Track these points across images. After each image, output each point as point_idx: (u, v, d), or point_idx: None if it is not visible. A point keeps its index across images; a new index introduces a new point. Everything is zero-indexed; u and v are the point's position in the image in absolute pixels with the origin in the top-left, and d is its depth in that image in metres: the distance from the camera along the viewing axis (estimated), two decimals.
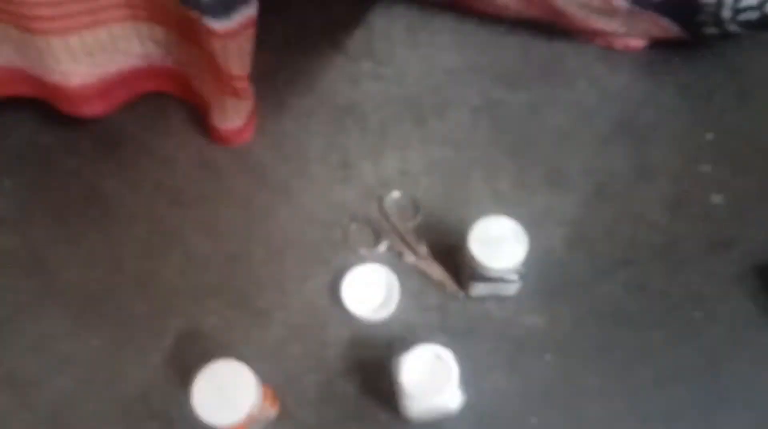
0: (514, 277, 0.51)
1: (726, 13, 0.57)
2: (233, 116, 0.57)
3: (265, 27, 0.51)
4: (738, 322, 0.54)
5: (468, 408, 0.49)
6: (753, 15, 0.56)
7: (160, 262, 0.58)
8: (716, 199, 0.59)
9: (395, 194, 0.60)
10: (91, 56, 0.54)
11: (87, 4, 0.50)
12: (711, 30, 0.60)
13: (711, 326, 0.54)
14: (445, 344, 0.48)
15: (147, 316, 0.56)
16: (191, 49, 0.55)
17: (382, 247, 0.58)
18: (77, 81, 0.55)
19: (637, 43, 0.65)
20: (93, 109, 0.60)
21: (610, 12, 0.60)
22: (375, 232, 0.59)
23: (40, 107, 0.61)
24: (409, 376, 0.46)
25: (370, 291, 0.55)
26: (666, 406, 0.51)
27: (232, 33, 0.47)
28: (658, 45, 0.65)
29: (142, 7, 0.52)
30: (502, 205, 0.59)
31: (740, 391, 0.52)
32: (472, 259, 0.49)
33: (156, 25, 0.54)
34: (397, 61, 0.67)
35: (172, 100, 0.64)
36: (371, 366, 0.53)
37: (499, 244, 0.49)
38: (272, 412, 0.50)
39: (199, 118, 0.62)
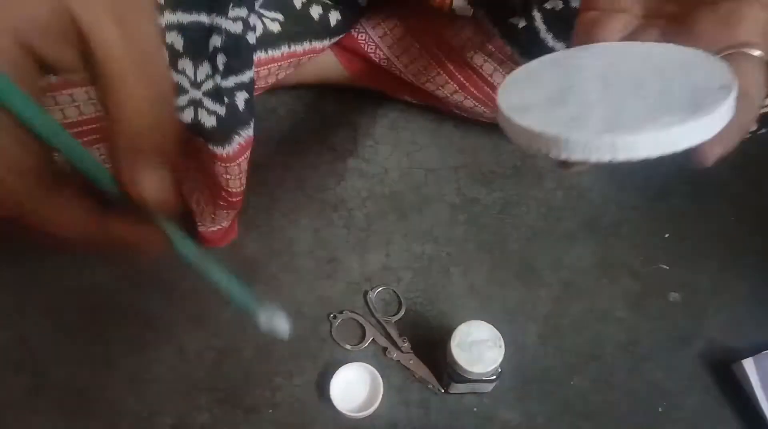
0: (492, 377, 0.54)
1: None
2: (221, 221, 0.60)
3: (256, 123, 0.53)
4: (698, 415, 0.58)
5: None
6: None
7: (152, 357, 0.60)
8: (674, 296, 0.64)
9: (379, 289, 0.63)
10: None
11: (77, 129, 0.52)
12: None
13: (673, 419, 0.58)
14: None
15: (138, 414, 0.57)
16: (188, 165, 0.58)
17: (367, 342, 0.61)
18: None
19: None
20: None
21: None
22: (360, 326, 0.62)
23: None
24: None
25: (355, 388, 0.58)
26: None
27: (234, 156, 0.50)
28: None
29: None
30: (479, 301, 0.63)
31: None
32: (454, 362, 0.53)
33: None
34: (380, 159, 0.71)
35: None
36: None
37: (479, 348, 0.53)
38: None
39: (187, 216, 0.65)
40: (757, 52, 0.34)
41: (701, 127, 0.34)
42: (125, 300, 0.63)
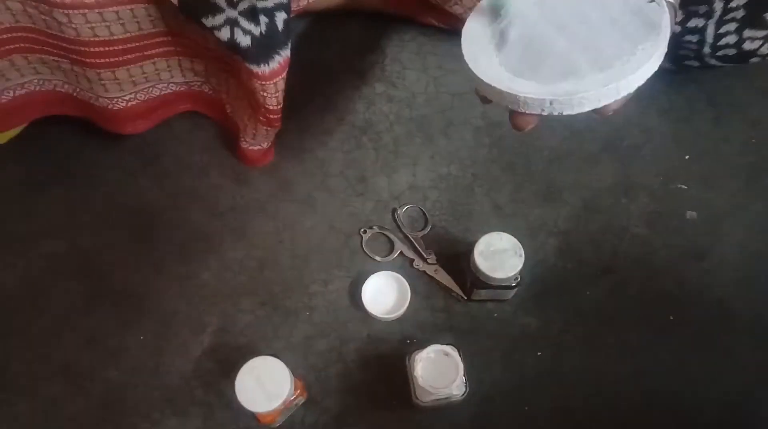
0: (512, 284, 0.58)
1: (706, 50, 0.63)
2: (261, 140, 0.64)
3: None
4: (705, 325, 0.62)
5: (470, 396, 0.57)
6: (731, 52, 0.62)
7: (197, 266, 0.65)
8: (691, 214, 0.66)
9: (407, 207, 0.67)
10: (136, 85, 0.60)
11: (137, 43, 0.56)
12: (692, 62, 0.67)
13: (682, 328, 0.62)
14: (451, 341, 0.56)
15: (186, 314, 0.63)
16: (229, 81, 0.61)
17: (395, 254, 0.65)
18: (122, 105, 0.62)
19: None
20: (135, 127, 0.66)
21: None
22: (389, 241, 0.66)
23: (83, 123, 0.67)
24: (423, 370, 0.53)
25: (385, 294, 0.62)
26: (641, 397, 0.59)
27: (272, 75, 0.53)
28: None
29: (188, 45, 0.58)
30: (501, 218, 0.67)
31: (706, 384, 0.60)
32: (476, 269, 0.57)
33: (197, 59, 0.61)
34: (407, 84, 0.74)
35: (206, 118, 0.71)
36: (386, 359, 0.60)
37: (500, 257, 0.56)
38: (301, 399, 0.57)
39: (230, 136, 0.69)
40: None
41: (664, 40, 0.39)
42: (172, 215, 0.67)
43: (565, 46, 0.41)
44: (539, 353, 0.61)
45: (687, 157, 0.69)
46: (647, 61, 0.39)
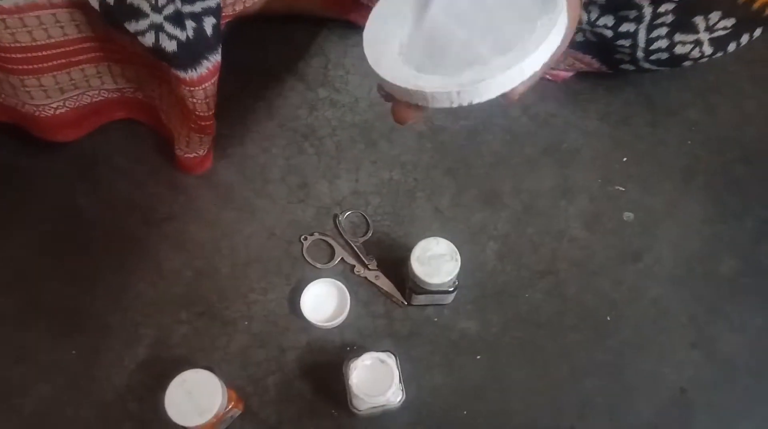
0: (450, 289, 0.58)
1: (640, 54, 0.65)
2: (196, 148, 0.63)
3: (229, 53, 0.56)
4: (643, 325, 0.63)
5: (408, 402, 0.57)
6: (663, 56, 0.64)
7: (133, 277, 0.64)
8: (628, 215, 0.68)
9: (348, 212, 0.67)
10: (63, 92, 0.59)
11: (62, 49, 0.55)
12: (627, 66, 0.68)
13: (619, 328, 0.63)
14: (391, 347, 0.55)
15: (122, 326, 0.62)
16: (162, 88, 0.60)
17: (336, 261, 0.65)
18: (49, 113, 0.60)
19: (566, 73, 0.73)
20: (66, 135, 0.65)
21: None
22: (330, 247, 0.65)
23: (16, 131, 0.65)
24: (358, 378, 0.53)
25: (324, 301, 0.62)
26: (579, 398, 0.60)
27: (200, 80, 0.52)
28: (584, 76, 0.73)
29: (117, 51, 0.57)
30: (443, 222, 0.67)
31: (643, 383, 0.61)
32: (414, 275, 0.57)
33: (128, 65, 0.59)
34: (350, 89, 0.73)
35: (142, 125, 0.69)
36: (326, 368, 0.60)
37: (437, 262, 0.56)
38: (236, 411, 0.57)
39: (167, 143, 0.68)
40: None
41: (561, 13, 0.39)
42: (107, 223, 0.66)
43: (466, 35, 0.40)
44: (478, 357, 0.61)
45: (625, 159, 0.70)
46: (546, 36, 0.38)
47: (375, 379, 0.53)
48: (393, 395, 0.55)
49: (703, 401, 0.60)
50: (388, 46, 0.42)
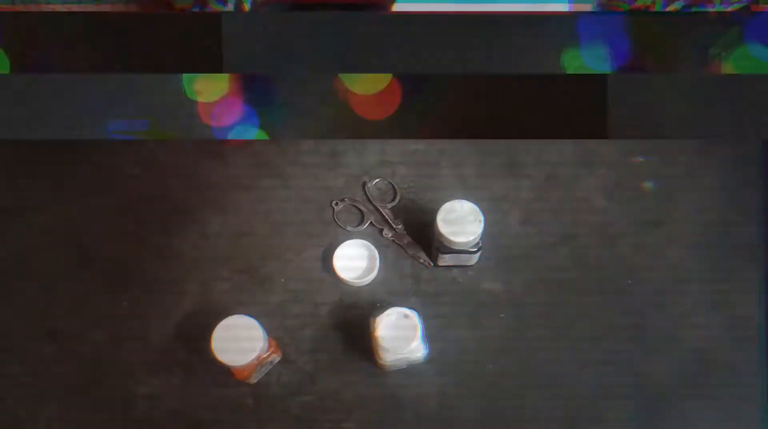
0: (474, 249, 0.62)
1: None
2: None
3: None
4: (661, 288, 0.65)
5: (435, 357, 0.60)
6: None
7: (177, 238, 0.68)
8: (648, 185, 0.70)
9: (376, 180, 0.70)
10: None
11: None
12: None
13: (638, 291, 0.65)
14: (418, 306, 0.59)
15: (168, 282, 0.66)
16: None
17: (366, 224, 0.68)
18: None
19: None
20: None
21: None
22: (360, 212, 0.69)
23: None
24: (383, 332, 0.56)
25: (355, 261, 0.66)
26: (600, 355, 0.63)
27: None
28: None
29: None
30: (466, 190, 0.70)
31: (662, 343, 0.63)
32: (439, 234, 0.60)
33: None
34: None
35: None
36: (356, 322, 0.64)
37: (461, 222, 0.60)
38: (275, 357, 0.61)
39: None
40: None
41: None
42: (152, 189, 0.70)
43: None
44: (502, 315, 0.64)
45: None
46: None
47: (399, 332, 0.57)
48: (417, 348, 0.58)
49: (722, 361, 0.62)
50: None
